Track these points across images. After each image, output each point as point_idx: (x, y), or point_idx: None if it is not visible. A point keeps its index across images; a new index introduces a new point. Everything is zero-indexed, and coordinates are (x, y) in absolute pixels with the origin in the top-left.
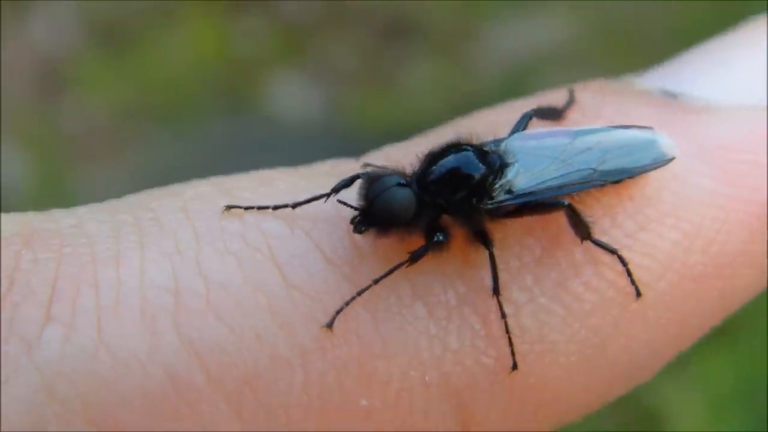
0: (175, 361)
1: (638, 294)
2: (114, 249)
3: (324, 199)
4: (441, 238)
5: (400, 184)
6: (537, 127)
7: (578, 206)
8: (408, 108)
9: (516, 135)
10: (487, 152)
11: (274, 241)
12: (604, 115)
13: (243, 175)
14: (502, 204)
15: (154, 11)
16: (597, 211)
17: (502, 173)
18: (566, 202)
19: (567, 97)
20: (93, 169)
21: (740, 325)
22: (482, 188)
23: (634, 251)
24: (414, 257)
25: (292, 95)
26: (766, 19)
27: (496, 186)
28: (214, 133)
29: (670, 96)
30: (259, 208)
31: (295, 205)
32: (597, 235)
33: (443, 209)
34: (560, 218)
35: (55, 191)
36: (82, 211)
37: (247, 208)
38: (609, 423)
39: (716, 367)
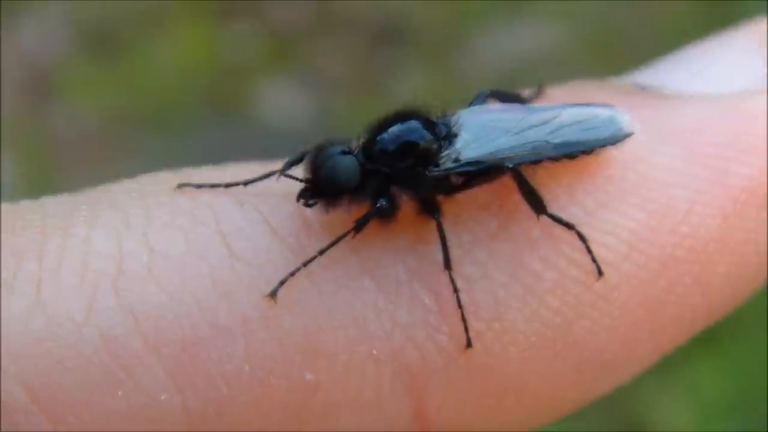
0: (111, 324)
1: (600, 272)
2: (65, 223)
3: (276, 177)
4: (384, 203)
5: (343, 152)
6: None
7: (535, 184)
8: None
9: (469, 108)
10: (434, 122)
11: (222, 215)
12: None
13: (203, 167)
14: (449, 171)
15: (143, 18)
16: (555, 189)
17: (451, 143)
18: (510, 164)
19: (536, 92)
20: (82, 175)
21: (729, 333)
22: (427, 156)
23: (595, 229)
24: (358, 225)
25: (280, 102)
26: (745, 24)
27: (443, 154)
28: (202, 139)
29: (642, 87)
30: (212, 185)
31: (246, 183)
32: (555, 212)
33: (390, 178)
34: (516, 196)
35: (44, 196)
36: (47, 198)
37: (199, 186)
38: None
39: (706, 375)
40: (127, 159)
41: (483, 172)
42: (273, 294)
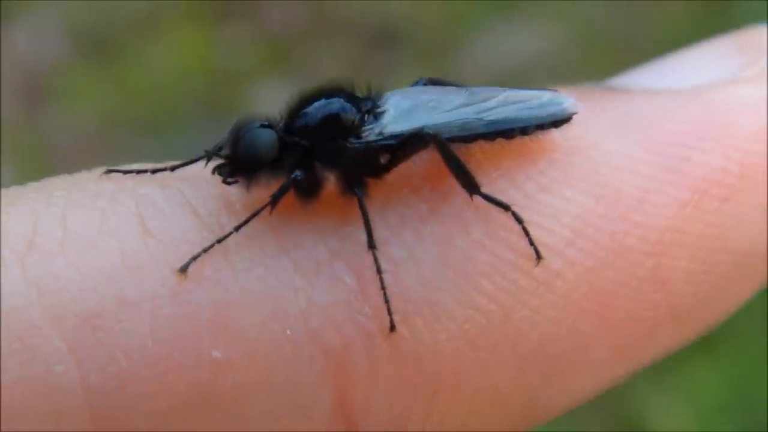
0: (11, 294)
1: (538, 256)
2: None
3: (204, 163)
4: (299, 174)
5: (262, 126)
6: None
7: (468, 163)
8: None
9: (402, 89)
10: (357, 96)
11: (143, 196)
12: None
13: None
14: (370, 144)
15: (139, 22)
16: (492, 172)
17: (376, 119)
18: (431, 131)
19: None
20: None
21: (726, 334)
22: (348, 128)
23: (535, 212)
24: (274, 198)
25: (276, 105)
26: (727, 34)
27: (366, 128)
28: (198, 142)
29: (611, 87)
30: (138, 171)
31: (173, 168)
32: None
33: (311, 152)
34: (451, 179)
35: None
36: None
37: (126, 172)
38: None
39: (703, 377)
40: (123, 162)
41: (405, 144)
42: (183, 269)
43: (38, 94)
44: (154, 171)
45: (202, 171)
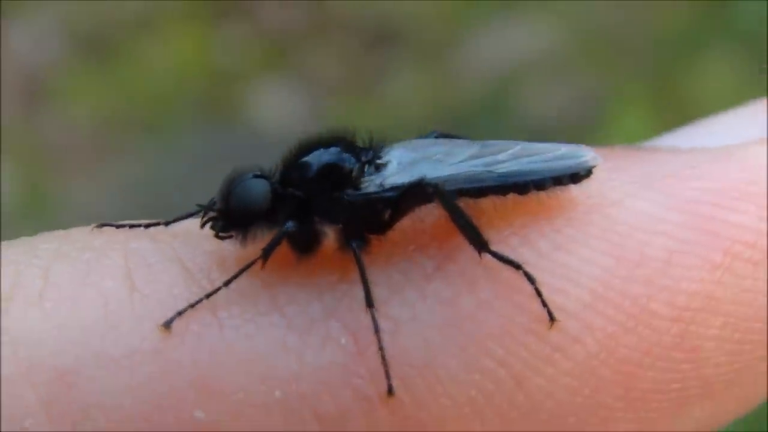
0: None
1: (552, 318)
2: None
3: (200, 218)
4: (291, 225)
5: (255, 176)
6: None
7: (476, 220)
8: (391, 117)
9: (408, 140)
10: (357, 146)
11: (132, 251)
12: None
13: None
14: (368, 196)
15: (137, 22)
16: (504, 230)
17: (378, 170)
18: (434, 182)
19: None
20: (76, 180)
21: None
22: (344, 178)
23: (549, 273)
24: (265, 251)
25: (274, 105)
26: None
27: (366, 179)
28: (196, 143)
29: (634, 146)
30: (131, 226)
31: (167, 223)
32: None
33: (307, 204)
34: (459, 237)
35: (38, 201)
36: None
37: (118, 227)
38: None
39: None
40: (121, 162)
41: (405, 196)
42: (167, 325)
43: (36, 94)
44: (147, 226)
45: (197, 226)
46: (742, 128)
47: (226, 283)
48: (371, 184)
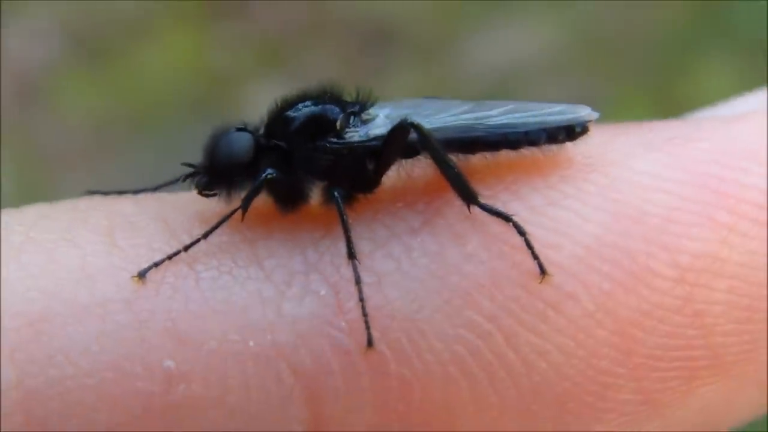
0: None
1: (542, 271)
2: None
3: (187, 178)
4: (270, 172)
5: (238, 129)
6: None
7: (472, 180)
8: None
9: (398, 99)
10: (342, 99)
11: (115, 212)
12: None
13: None
14: (350, 144)
15: (132, 23)
16: (495, 185)
17: (364, 123)
18: (412, 120)
19: None
20: (70, 180)
21: None
22: (326, 128)
23: (542, 227)
24: (245, 200)
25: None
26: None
27: (350, 130)
28: (191, 144)
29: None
30: (119, 192)
31: (156, 188)
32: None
33: (289, 156)
34: (448, 193)
35: (35, 201)
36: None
37: (106, 194)
38: None
39: None
40: (118, 163)
41: (388, 141)
42: (142, 275)
43: (32, 95)
44: (135, 192)
45: (185, 194)
46: (745, 106)
47: (205, 235)
48: (355, 134)
